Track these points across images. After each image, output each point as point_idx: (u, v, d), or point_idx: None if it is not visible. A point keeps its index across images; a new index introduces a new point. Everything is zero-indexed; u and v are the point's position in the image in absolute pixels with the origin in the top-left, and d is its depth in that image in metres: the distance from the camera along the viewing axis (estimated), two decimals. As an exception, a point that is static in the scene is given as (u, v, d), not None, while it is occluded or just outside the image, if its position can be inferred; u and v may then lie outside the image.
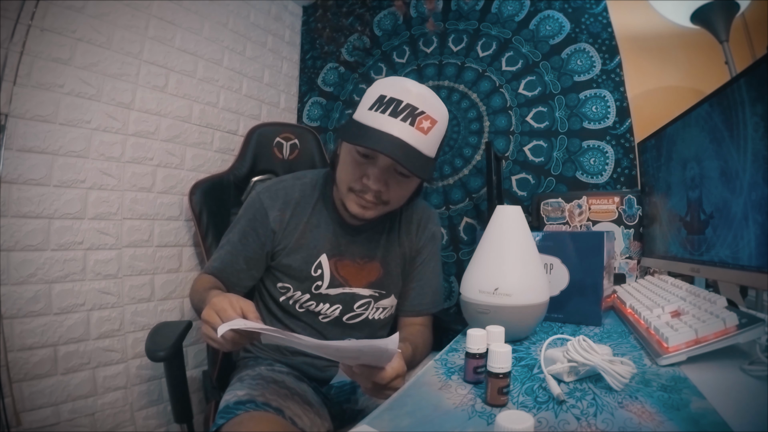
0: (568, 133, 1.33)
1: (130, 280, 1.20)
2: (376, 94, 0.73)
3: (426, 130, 0.71)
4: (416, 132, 0.70)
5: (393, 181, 0.76)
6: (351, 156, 0.76)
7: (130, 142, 1.20)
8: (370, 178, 0.74)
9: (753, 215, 0.60)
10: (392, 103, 0.71)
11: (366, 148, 0.70)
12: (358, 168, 0.75)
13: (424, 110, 0.71)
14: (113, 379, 1.14)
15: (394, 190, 0.78)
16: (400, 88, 0.72)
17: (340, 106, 1.75)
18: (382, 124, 0.70)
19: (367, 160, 0.75)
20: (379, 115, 0.71)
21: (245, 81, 1.57)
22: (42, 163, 1.02)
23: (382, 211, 0.80)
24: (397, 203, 0.81)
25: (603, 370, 0.48)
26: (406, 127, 0.70)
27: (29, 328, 0.99)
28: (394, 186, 0.77)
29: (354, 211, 0.78)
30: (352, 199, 0.78)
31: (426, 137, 0.71)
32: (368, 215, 0.78)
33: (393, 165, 0.74)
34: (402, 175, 0.76)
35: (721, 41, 0.99)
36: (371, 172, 0.74)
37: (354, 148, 0.75)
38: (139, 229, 1.22)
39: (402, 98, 0.71)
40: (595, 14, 1.32)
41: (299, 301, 0.87)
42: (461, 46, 1.53)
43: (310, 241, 0.86)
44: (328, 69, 1.80)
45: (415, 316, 0.93)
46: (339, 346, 0.53)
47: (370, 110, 0.72)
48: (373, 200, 0.76)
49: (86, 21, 1.09)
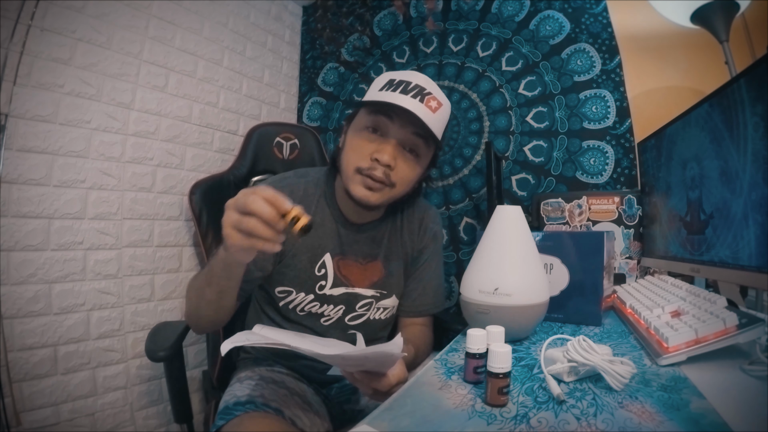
0: (568, 133, 1.33)
1: (130, 280, 1.20)
2: (385, 79, 0.78)
3: (434, 109, 0.76)
4: (426, 108, 0.75)
5: (401, 159, 0.78)
6: (359, 135, 0.78)
7: (130, 142, 1.20)
8: (380, 152, 0.75)
9: (753, 215, 0.60)
10: (402, 83, 0.76)
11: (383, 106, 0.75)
12: (369, 145, 0.76)
13: (431, 91, 0.76)
14: (113, 379, 1.14)
15: (401, 170, 0.78)
16: (407, 75, 0.78)
17: (340, 106, 1.75)
18: (394, 99, 0.74)
19: (378, 136, 0.77)
20: (390, 93, 0.75)
21: (245, 81, 1.57)
22: (42, 163, 1.02)
23: (388, 195, 0.79)
24: (402, 187, 0.80)
25: (603, 370, 0.48)
26: (417, 103, 0.74)
27: (29, 328, 0.99)
28: (402, 165, 0.78)
29: (359, 194, 0.76)
30: (358, 182, 0.76)
31: (434, 115, 0.76)
32: (373, 199, 0.77)
33: (403, 140, 0.77)
34: (411, 153, 0.78)
35: (721, 41, 0.99)
36: (382, 147, 0.75)
37: (364, 126, 0.77)
38: (139, 229, 1.22)
39: (411, 80, 0.76)
40: (595, 14, 1.32)
41: (301, 304, 0.85)
42: (461, 46, 1.53)
43: (314, 240, 0.84)
44: (328, 69, 1.80)
45: (416, 317, 0.93)
46: (345, 355, 0.53)
47: (381, 91, 0.76)
48: (382, 178, 0.75)
49: (86, 21, 1.09)
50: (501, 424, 0.41)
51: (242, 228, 0.52)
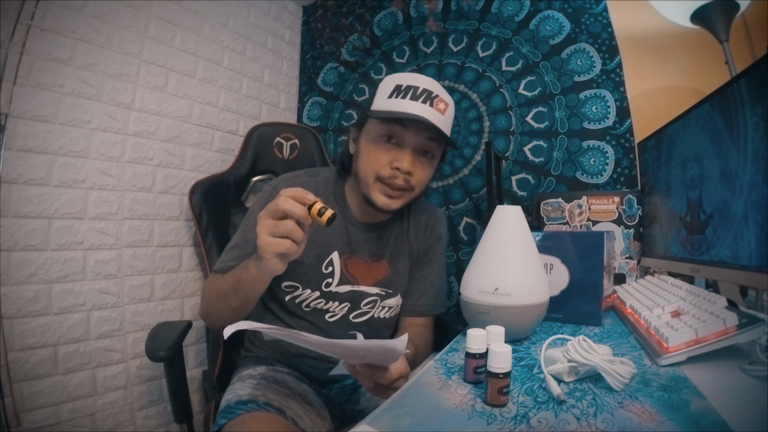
0: (568, 133, 1.33)
1: (130, 280, 1.20)
2: (392, 84, 0.79)
3: (443, 110, 0.78)
4: (435, 112, 0.77)
5: (418, 164, 0.80)
6: (375, 144, 0.79)
7: (130, 142, 1.20)
8: (400, 161, 0.77)
9: (753, 215, 0.60)
10: (410, 89, 0.77)
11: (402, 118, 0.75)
12: (386, 154, 0.78)
13: (438, 94, 0.78)
14: (113, 379, 1.14)
15: (419, 174, 0.80)
16: (412, 78, 0.79)
17: (340, 106, 1.75)
18: (405, 107, 0.75)
19: (394, 144, 0.78)
20: (399, 101, 0.76)
21: (245, 81, 1.57)
22: (42, 163, 1.02)
23: (408, 199, 0.82)
24: (420, 189, 0.83)
25: (603, 370, 0.48)
26: (427, 108, 0.76)
27: (29, 328, 0.99)
28: (419, 169, 0.80)
29: (381, 202, 0.79)
30: (378, 189, 0.79)
31: (444, 117, 0.78)
32: (395, 206, 0.80)
33: (419, 145, 0.78)
34: (426, 156, 0.80)
35: (721, 41, 0.99)
36: (400, 155, 0.77)
37: (379, 135, 0.78)
38: (139, 229, 1.22)
39: (418, 84, 0.77)
40: (595, 14, 1.32)
41: (307, 300, 0.86)
42: (461, 46, 1.53)
43: (323, 238, 0.85)
44: (328, 69, 1.80)
45: (416, 317, 0.93)
46: (347, 345, 0.53)
47: (390, 98, 0.77)
48: (404, 185, 0.78)
49: (86, 21, 1.09)
50: (501, 424, 0.41)
51: (279, 232, 0.55)
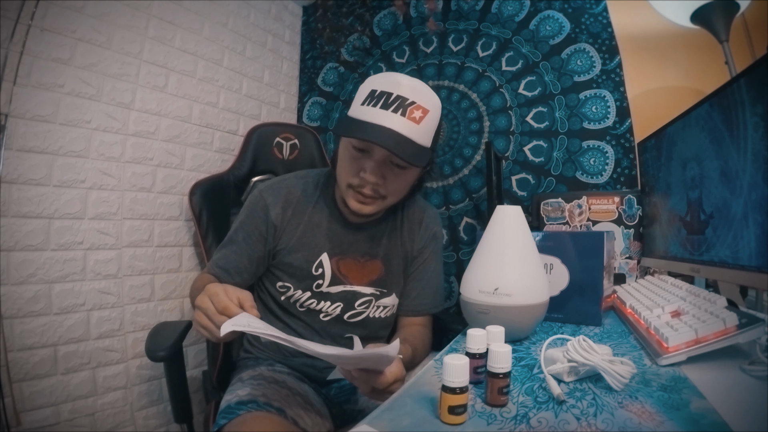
0: (568, 133, 1.33)
1: (130, 280, 1.20)
2: (368, 89, 0.75)
3: (418, 119, 0.72)
4: (408, 122, 0.72)
5: (390, 174, 0.78)
6: (347, 152, 0.78)
7: (130, 142, 1.20)
8: (366, 171, 0.75)
9: (753, 215, 0.60)
10: (383, 96, 0.72)
11: (358, 139, 0.72)
12: (355, 163, 0.77)
13: (414, 100, 0.72)
14: (113, 379, 1.14)
15: (391, 183, 0.78)
16: (389, 82, 0.74)
17: (340, 106, 1.75)
18: (374, 117, 0.71)
19: (363, 154, 0.76)
20: (370, 109, 0.72)
21: (245, 81, 1.57)
22: (42, 163, 1.02)
23: (381, 205, 0.81)
24: (395, 197, 0.82)
25: (603, 370, 0.48)
26: (398, 117, 0.71)
27: (29, 328, 0.99)
28: (392, 178, 0.78)
29: (353, 207, 0.79)
30: (351, 195, 0.79)
31: (419, 126, 0.73)
32: (367, 211, 0.80)
33: (389, 157, 0.75)
34: (398, 167, 0.77)
35: (721, 41, 0.99)
36: (367, 166, 0.75)
37: (350, 144, 0.76)
38: (139, 229, 1.22)
39: (392, 91, 0.72)
40: (595, 14, 1.32)
41: (299, 300, 0.87)
42: (461, 46, 1.53)
43: (311, 239, 0.86)
44: (328, 69, 1.80)
45: (414, 316, 0.93)
46: (340, 354, 0.53)
47: (363, 105, 0.74)
48: (372, 194, 0.77)
49: (86, 21, 1.09)
50: (501, 424, 0.41)
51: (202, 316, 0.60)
